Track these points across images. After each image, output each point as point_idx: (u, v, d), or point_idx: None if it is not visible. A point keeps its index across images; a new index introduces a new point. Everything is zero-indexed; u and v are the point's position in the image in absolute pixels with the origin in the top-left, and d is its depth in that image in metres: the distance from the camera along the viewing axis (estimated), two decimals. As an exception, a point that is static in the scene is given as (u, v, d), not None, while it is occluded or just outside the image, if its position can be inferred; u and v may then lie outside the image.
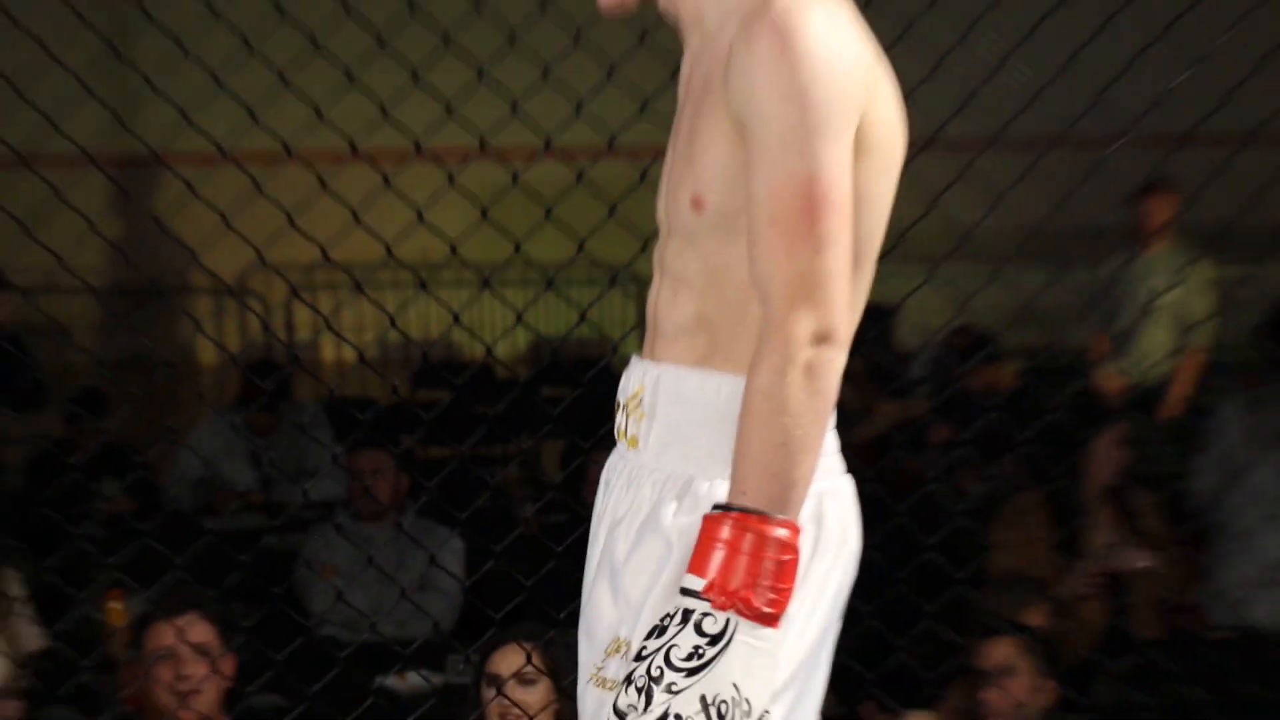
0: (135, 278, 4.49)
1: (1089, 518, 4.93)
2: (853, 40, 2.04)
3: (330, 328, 3.75)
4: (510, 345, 6.94)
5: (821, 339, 1.97)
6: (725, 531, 1.93)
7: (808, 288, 1.96)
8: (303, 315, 7.59)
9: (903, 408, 6.28)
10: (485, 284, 3.60)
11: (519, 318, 3.77)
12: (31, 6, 3.58)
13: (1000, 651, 3.98)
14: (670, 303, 2.20)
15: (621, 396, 2.27)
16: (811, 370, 1.96)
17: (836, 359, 2.00)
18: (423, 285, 3.68)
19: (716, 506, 1.99)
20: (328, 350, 7.86)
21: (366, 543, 4.87)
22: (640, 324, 2.33)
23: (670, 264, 2.20)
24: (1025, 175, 3.50)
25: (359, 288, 3.65)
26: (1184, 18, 3.41)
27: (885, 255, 2.21)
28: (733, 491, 1.98)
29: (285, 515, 4.97)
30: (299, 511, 5.11)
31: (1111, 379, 6.78)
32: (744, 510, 1.94)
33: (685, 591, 1.95)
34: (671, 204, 2.19)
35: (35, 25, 3.50)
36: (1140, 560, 4.89)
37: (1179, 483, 5.18)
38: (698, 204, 2.11)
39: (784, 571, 1.92)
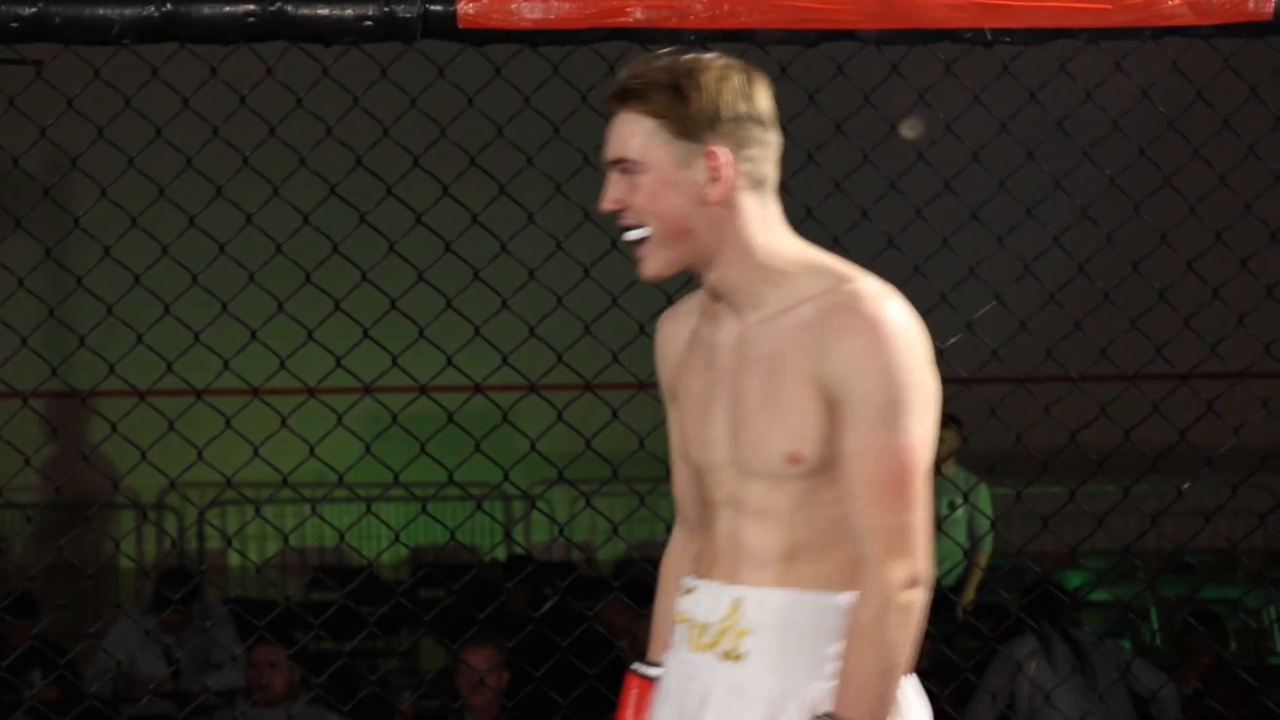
0: (66, 496, 4.88)
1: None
2: (919, 325, 2.32)
3: (229, 542, 4.21)
4: (394, 553, 7.34)
5: (912, 583, 2.24)
6: None
7: (900, 540, 2.23)
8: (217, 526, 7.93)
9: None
10: (368, 508, 4.09)
11: (396, 536, 4.23)
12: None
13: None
14: (758, 534, 2.38)
15: (699, 614, 2.43)
16: (906, 610, 2.23)
17: (923, 599, 2.27)
18: (312, 508, 4.15)
19: (827, 715, 2.25)
20: (234, 558, 8.21)
21: None
22: (507, 537, 2.75)
23: (754, 502, 2.38)
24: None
25: (257, 510, 4.14)
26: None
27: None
28: (841, 704, 2.25)
29: (192, 704, 5.33)
30: (205, 699, 5.49)
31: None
32: None
33: None
34: (756, 454, 2.37)
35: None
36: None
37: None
38: (795, 459, 2.32)
39: None
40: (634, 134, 2.34)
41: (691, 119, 2.31)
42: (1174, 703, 5.64)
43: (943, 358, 4.00)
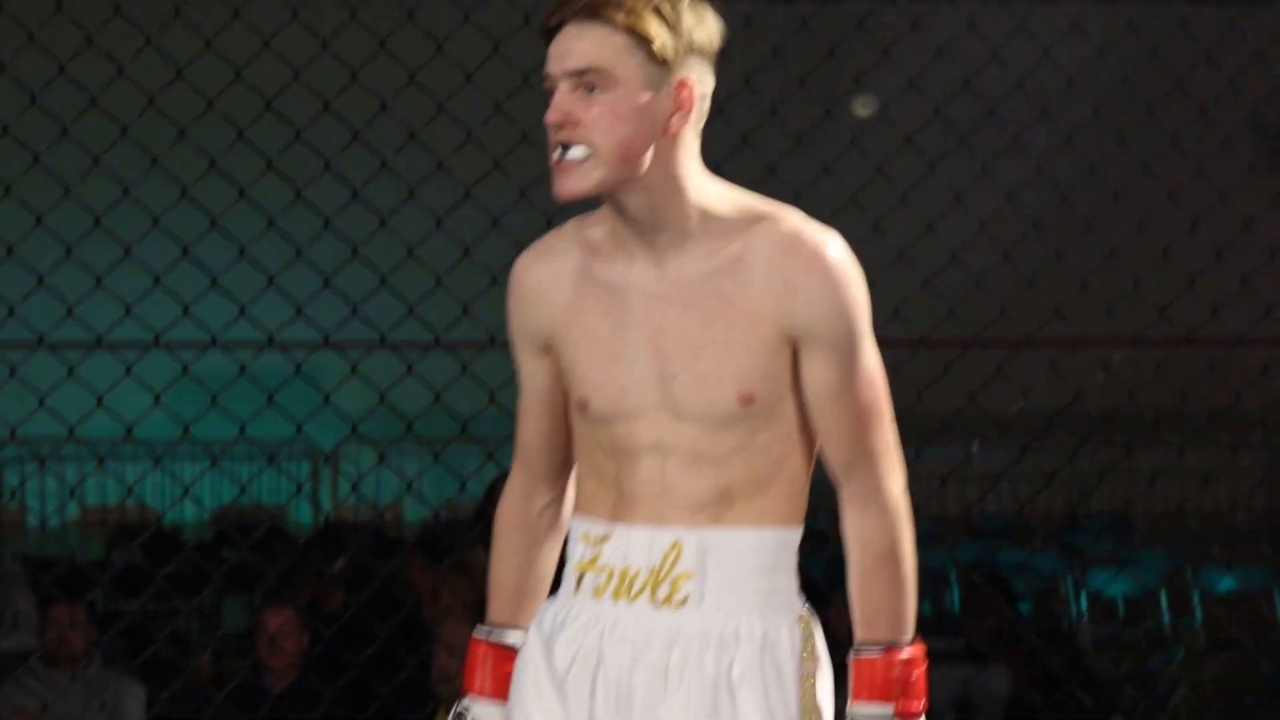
0: None
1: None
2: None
3: (12, 496, 4.09)
4: (198, 514, 7.31)
5: (905, 490, 2.31)
6: (896, 668, 2.27)
7: (890, 454, 2.30)
8: (11, 483, 7.80)
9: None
10: (156, 462, 4.02)
11: (185, 490, 4.17)
12: None
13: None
14: (690, 477, 2.35)
15: (625, 561, 2.36)
16: (909, 518, 2.31)
17: None
18: (99, 461, 4.06)
19: (868, 644, 2.28)
20: (34, 517, 8.05)
21: (56, 689, 5.14)
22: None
23: (687, 446, 2.34)
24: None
25: (42, 464, 4.03)
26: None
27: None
28: (882, 628, 2.28)
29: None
30: None
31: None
32: (898, 644, 2.27)
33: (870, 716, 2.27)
34: (700, 397, 2.33)
35: None
36: None
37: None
38: (747, 399, 2.30)
39: (923, 677, 2.29)
40: (606, 46, 2.25)
41: (670, 44, 2.25)
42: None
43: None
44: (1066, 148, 4.01)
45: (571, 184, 2.26)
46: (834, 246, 2.27)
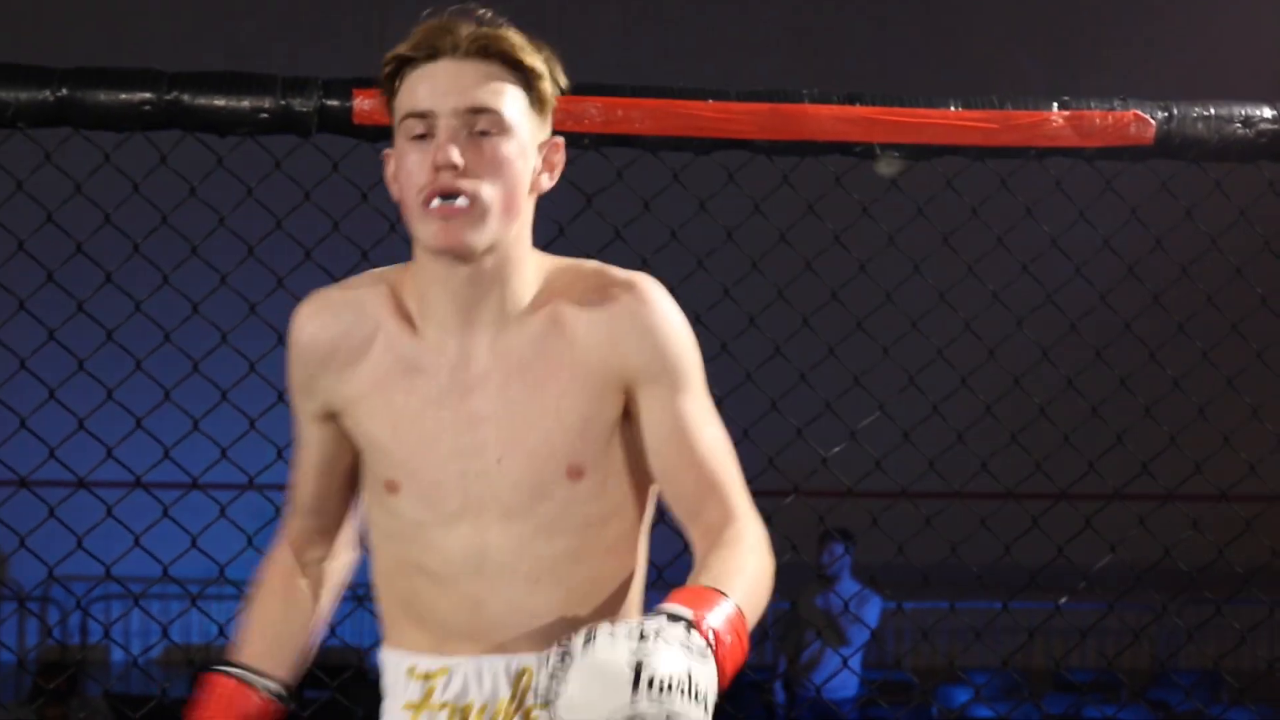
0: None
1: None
2: None
3: (107, 634, 4.09)
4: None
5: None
6: (730, 606, 1.88)
7: (743, 487, 2.09)
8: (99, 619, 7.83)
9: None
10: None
11: None
12: None
13: None
14: (527, 595, 2.08)
15: (469, 699, 2.10)
16: (769, 550, 2.07)
17: None
18: (192, 601, 4.02)
19: (716, 590, 1.91)
20: (117, 652, 8.12)
21: None
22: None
23: (516, 553, 2.07)
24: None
25: (135, 601, 4.00)
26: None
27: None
28: (730, 588, 1.91)
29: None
30: None
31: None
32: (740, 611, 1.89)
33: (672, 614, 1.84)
34: (531, 478, 2.07)
35: None
36: None
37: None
38: (576, 473, 2.06)
39: (731, 659, 1.86)
40: (500, 88, 2.01)
41: (548, 102, 2.07)
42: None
43: (827, 466, 4.05)
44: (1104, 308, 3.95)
45: (465, 236, 1.99)
46: (646, 283, 2.09)
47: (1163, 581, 4.48)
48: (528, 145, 2.04)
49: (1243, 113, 3.57)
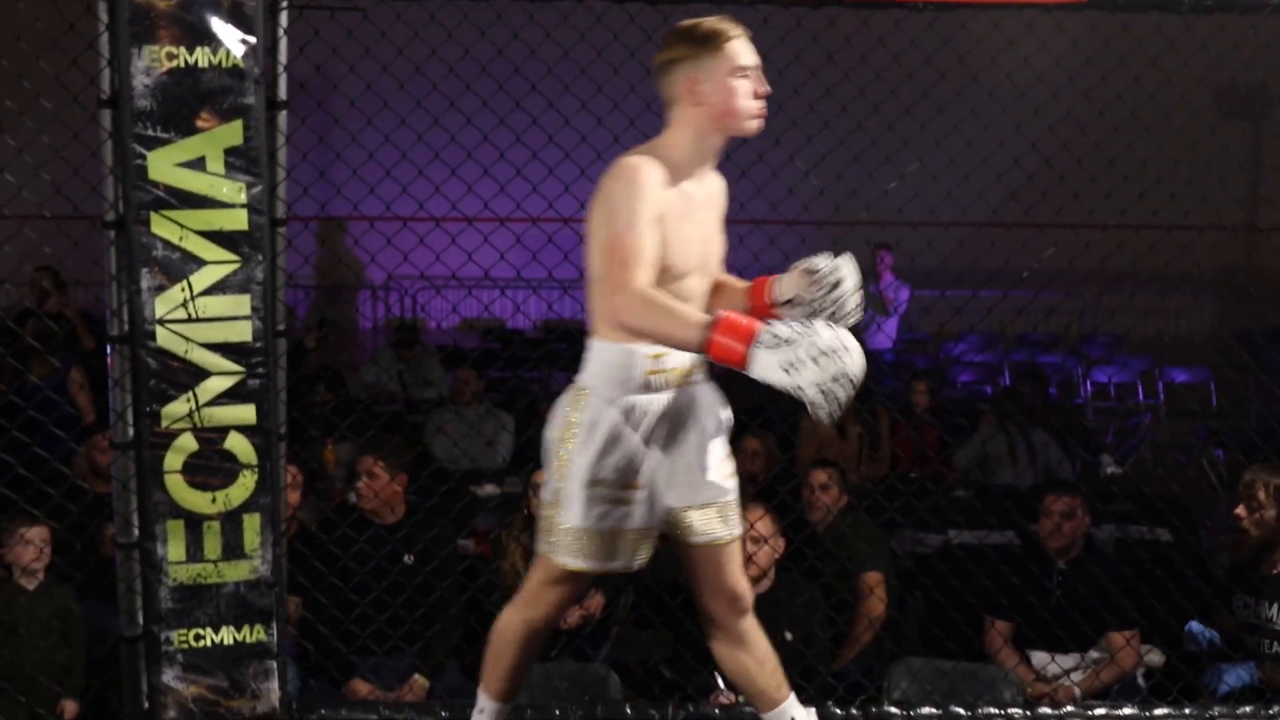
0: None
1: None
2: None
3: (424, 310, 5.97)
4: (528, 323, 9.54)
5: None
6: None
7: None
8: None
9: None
10: (501, 291, 5.95)
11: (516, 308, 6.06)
12: None
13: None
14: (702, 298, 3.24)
15: (681, 363, 3.21)
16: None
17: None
18: (469, 291, 5.90)
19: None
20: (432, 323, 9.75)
21: (461, 418, 7.63)
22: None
23: (703, 293, 3.25)
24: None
25: (437, 291, 5.78)
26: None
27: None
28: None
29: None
30: (421, 404, 8.10)
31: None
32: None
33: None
34: (714, 260, 3.28)
35: None
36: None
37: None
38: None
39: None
40: None
41: None
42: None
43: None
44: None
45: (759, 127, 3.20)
46: None
47: (1091, 279, 6.91)
48: None
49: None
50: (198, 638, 3.89)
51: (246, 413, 3.86)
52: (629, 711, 4.19)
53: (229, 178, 3.80)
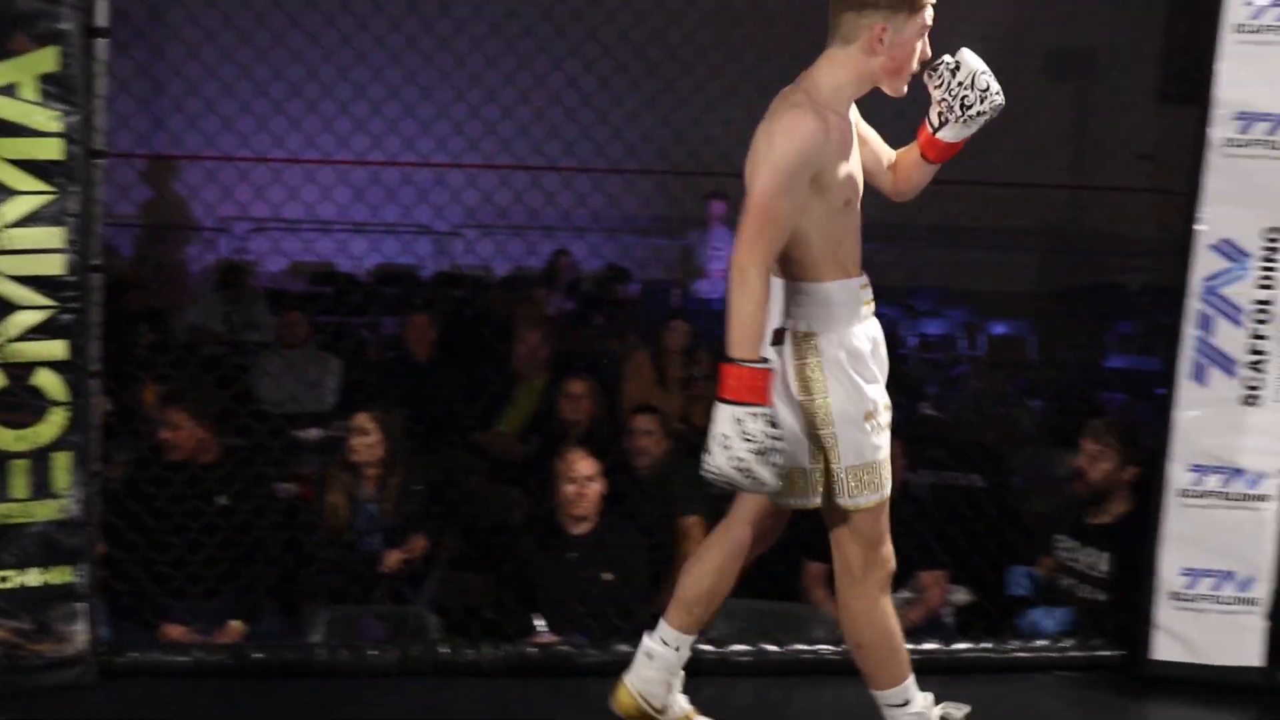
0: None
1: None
2: None
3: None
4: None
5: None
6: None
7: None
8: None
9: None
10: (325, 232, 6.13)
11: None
12: None
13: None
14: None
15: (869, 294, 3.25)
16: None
17: None
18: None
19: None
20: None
21: (287, 361, 7.59)
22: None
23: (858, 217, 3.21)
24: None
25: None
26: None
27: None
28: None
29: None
30: (247, 346, 8.01)
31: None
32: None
33: None
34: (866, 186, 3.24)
35: None
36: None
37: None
38: None
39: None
40: None
41: None
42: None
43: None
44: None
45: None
46: None
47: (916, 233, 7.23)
48: None
49: None
50: (3, 580, 3.82)
51: (57, 348, 3.80)
52: (445, 651, 4.23)
53: (44, 105, 3.73)
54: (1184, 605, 4.19)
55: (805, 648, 4.36)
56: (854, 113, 3.26)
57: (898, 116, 3.49)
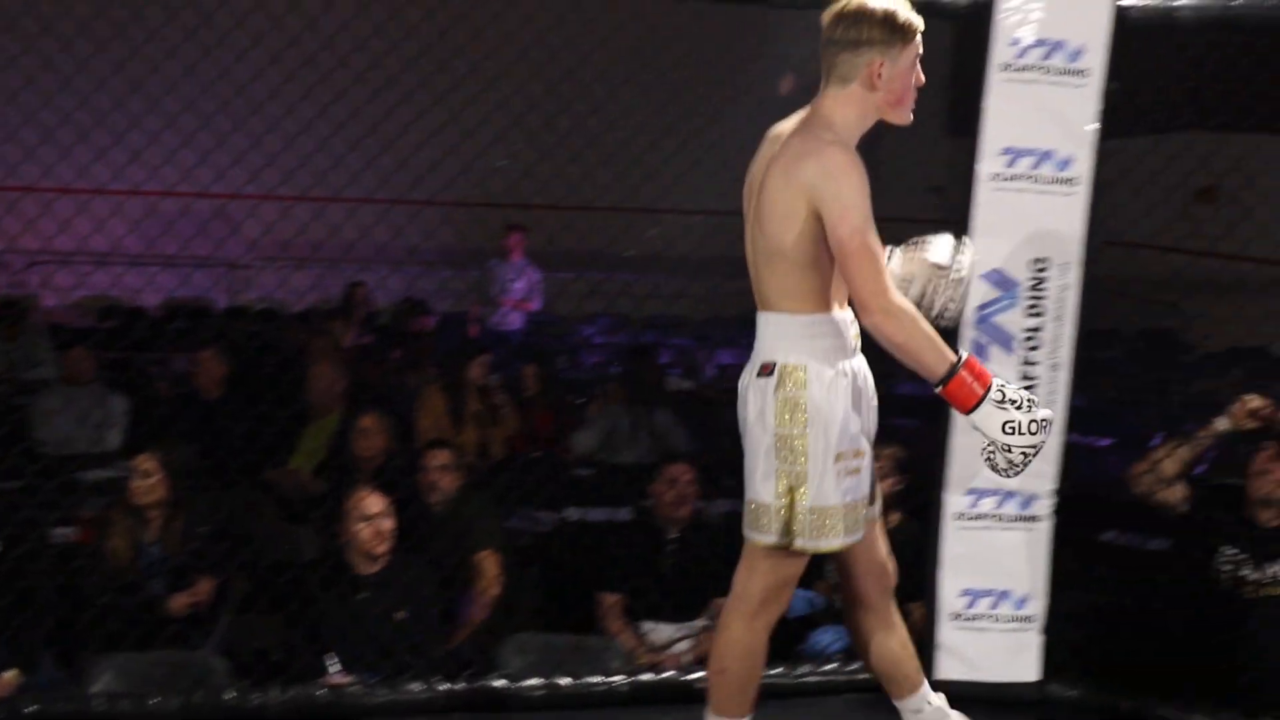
0: None
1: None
2: None
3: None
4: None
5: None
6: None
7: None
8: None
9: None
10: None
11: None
12: None
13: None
14: None
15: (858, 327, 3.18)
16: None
17: None
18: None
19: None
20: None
21: (71, 399, 7.32)
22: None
23: None
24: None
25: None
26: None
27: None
28: None
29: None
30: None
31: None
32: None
33: None
34: None
35: None
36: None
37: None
38: None
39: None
40: None
41: None
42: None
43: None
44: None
45: None
46: None
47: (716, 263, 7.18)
48: None
49: None
50: None
51: None
52: (231, 696, 4.13)
53: None
54: (965, 625, 4.31)
55: (598, 680, 4.36)
56: None
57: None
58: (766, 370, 3.18)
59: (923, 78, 3.22)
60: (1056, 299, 4.15)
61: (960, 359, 3.05)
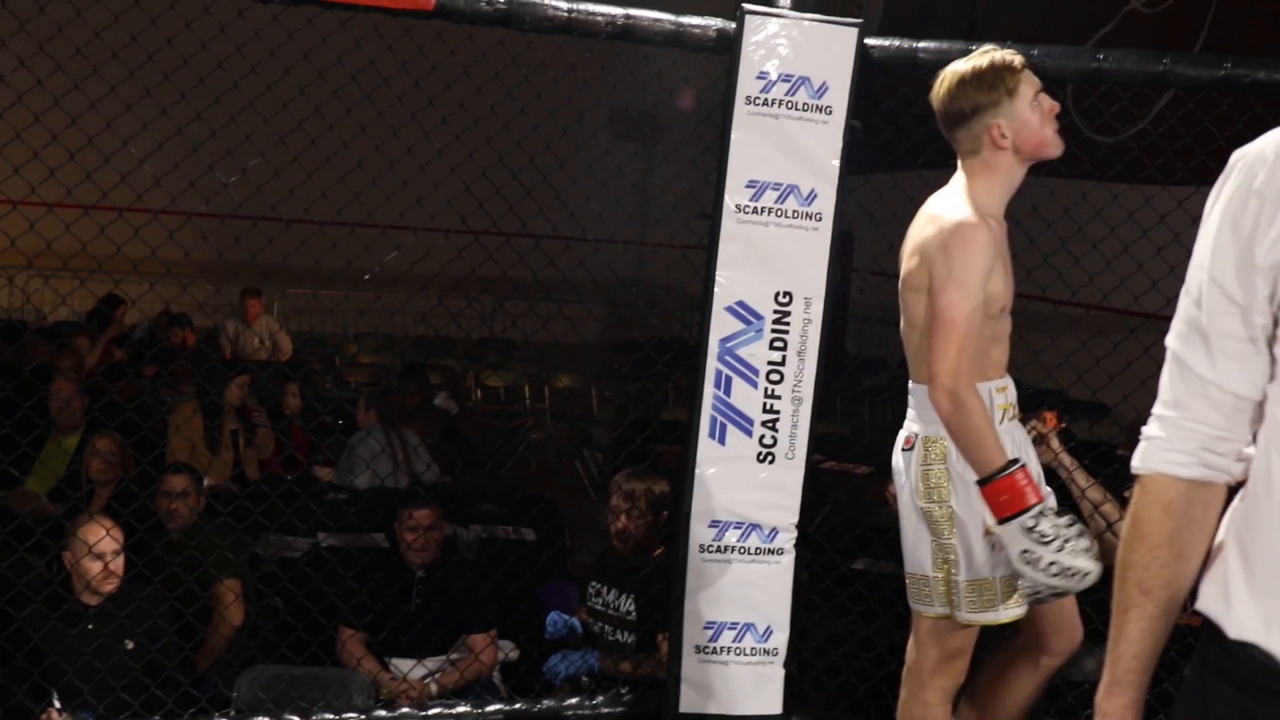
0: None
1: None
2: None
3: None
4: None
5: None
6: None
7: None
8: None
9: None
10: None
11: None
12: None
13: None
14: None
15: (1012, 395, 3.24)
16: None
17: None
18: None
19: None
20: None
21: None
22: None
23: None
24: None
25: None
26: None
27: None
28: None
29: None
30: None
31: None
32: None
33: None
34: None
35: None
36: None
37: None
38: None
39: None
40: None
41: None
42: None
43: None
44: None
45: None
46: None
47: (492, 285, 7.27)
48: None
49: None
50: None
51: None
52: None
53: None
54: (707, 658, 4.30)
55: (330, 715, 4.22)
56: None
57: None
58: (909, 444, 3.24)
59: (1053, 104, 3.17)
60: (800, 332, 4.17)
61: (1014, 460, 3.03)
